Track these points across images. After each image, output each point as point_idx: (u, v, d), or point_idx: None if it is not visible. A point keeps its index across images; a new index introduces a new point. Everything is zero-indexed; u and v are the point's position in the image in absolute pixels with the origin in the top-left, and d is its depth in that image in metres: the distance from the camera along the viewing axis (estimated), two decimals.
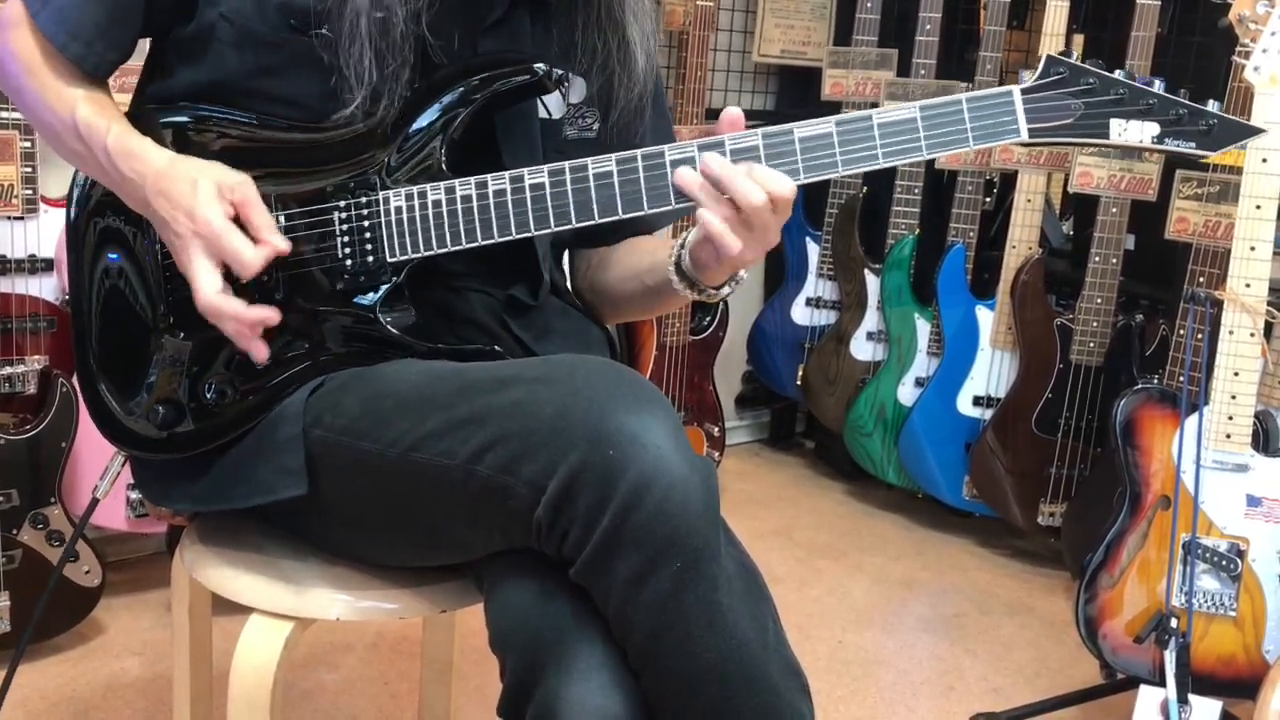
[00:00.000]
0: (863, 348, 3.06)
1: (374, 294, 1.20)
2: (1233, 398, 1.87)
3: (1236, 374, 1.87)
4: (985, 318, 2.80)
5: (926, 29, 2.85)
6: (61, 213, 2.00)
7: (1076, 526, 2.62)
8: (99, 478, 1.39)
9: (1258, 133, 1.17)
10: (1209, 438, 1.88)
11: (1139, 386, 2.00)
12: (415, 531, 1.18)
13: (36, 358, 2.04)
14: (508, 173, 1.17)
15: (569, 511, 1.01)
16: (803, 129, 1.14)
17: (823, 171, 1.14)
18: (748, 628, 1.03)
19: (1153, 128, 1.14)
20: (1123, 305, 2.65)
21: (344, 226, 1.20)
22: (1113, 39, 2.79)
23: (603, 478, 1.00)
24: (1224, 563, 1.88)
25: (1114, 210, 2.56)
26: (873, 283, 3.01)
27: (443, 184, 1.18)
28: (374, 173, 1.20)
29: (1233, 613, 1.88)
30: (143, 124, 1.22)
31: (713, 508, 1.03)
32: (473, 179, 1.17)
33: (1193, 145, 1.14)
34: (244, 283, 1.15)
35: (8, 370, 2.01)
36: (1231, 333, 1.86)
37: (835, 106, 3.06)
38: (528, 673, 1.04)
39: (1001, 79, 2.80)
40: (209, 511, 1.31)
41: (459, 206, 1.17)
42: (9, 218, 2.01)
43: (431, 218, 1.18)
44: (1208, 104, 1.14)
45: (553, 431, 1.02)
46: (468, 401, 1.09)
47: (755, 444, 3.55)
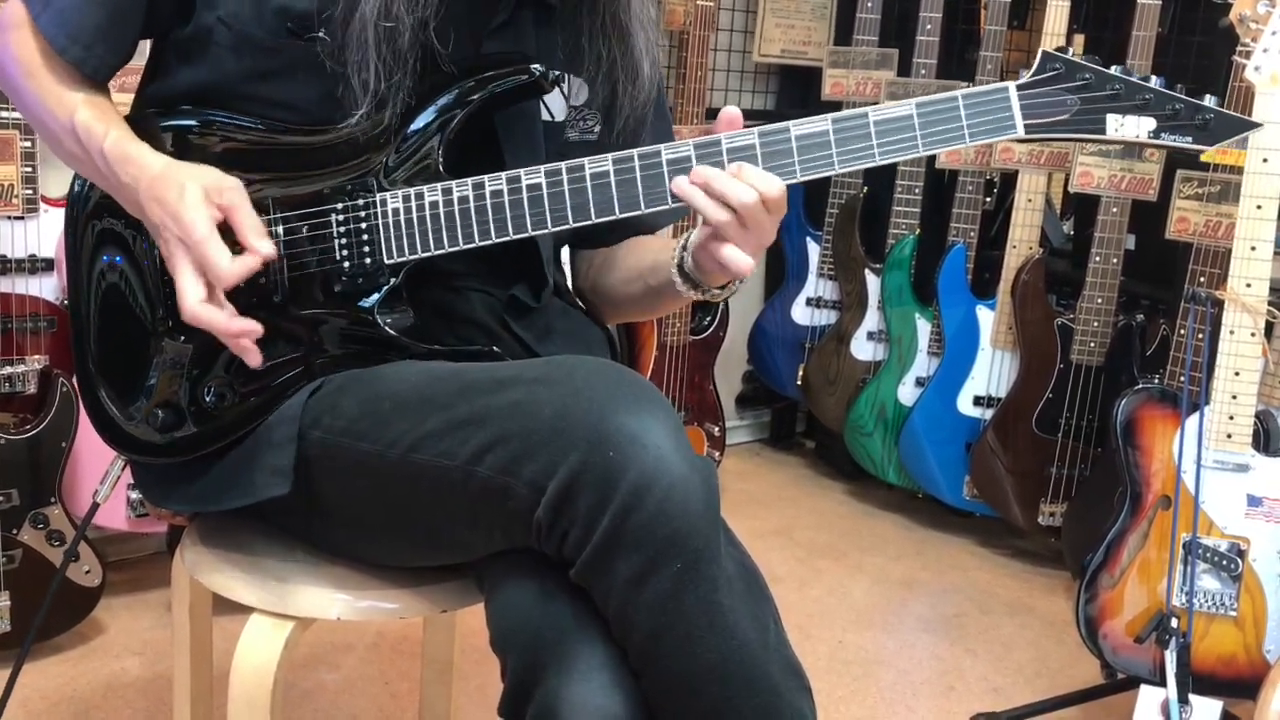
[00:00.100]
0: (863, 347, 3.06)
1: (372, 296, 1.20)
2: (1233, 397, 1.87)
3: (1237, 374, 1.86)
4: (986, 317, 2.79)
5: (927, 29, 2.85)
6: (62, 213, 2.01)
7: (1077, 526, 2.62)
8: (99, 481, 1.39)
9: (1254, 126, 1.16)
10: (1210, 437, 1.88)
11: (1140, 386, 2.00)
12: (415, 532, 1.18)
13: (37, 357, 2.04)
14: (504, 174, 1.16)
15: (569, 512, 1.01)
16: (799, 127, 1.14)
17: (820, 170, 1.14)
18: (748, 628, 1.03)
19: (1149, 123, 1.14)
20: (1123, 305, 2.65)
21: (341, 229, 1.19)
22: (1113, 38, 2.79)
23: (603, 478, 1.00)
24: (1225, 563, 1.88)
25: (1114, 210, 2.56)
26: (873, 282, 3.01)
27: (440, 185, 1.18)
28: (371, 174, 1.19)
29: (1233, 613, 1.88)
30: (143, 127, 1.21)
31: (713, 508, 1.03)
32: (470, 180, 1.17)
33: (1189, 140, 1.14)
34: (241, 285, 1.14)
35: (8, 370, 2.01)
36: (1232, 332, 1.86)
37: (836, 106, 3.03)
38: (528, 673, 1.04)
39: (1002, 79, 2.79)
40: (208, 512, 1.31)
41: (456, 208, 1.17)
42: (9, 217, 2.01)
43: (429, 219, 1.18)
44: (1204, 98, 1.13)
45: (553, 432, 1.02)
46: (467, 402, 1.09)
47: (756, 444, 3.55)
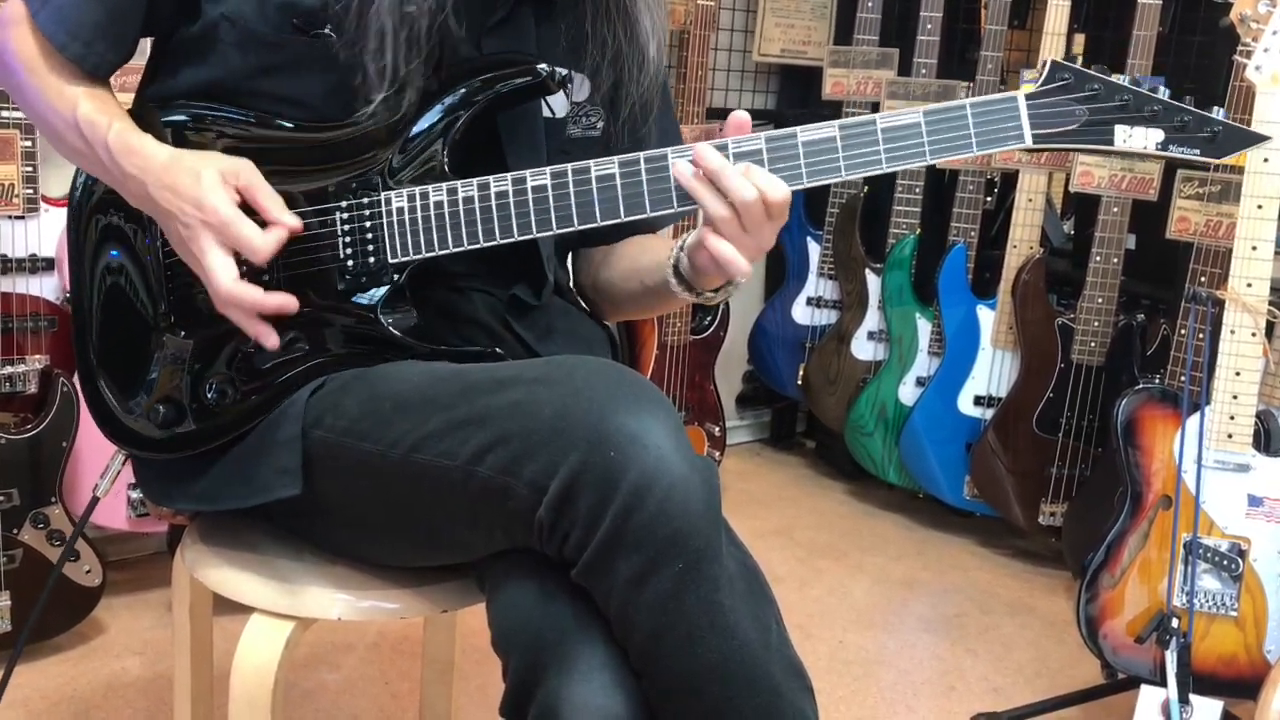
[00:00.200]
0: (864, 347, 3.06)
1: (375, 295, 1.20)
2: (1234, 397, 1.87)
3: (1238, 374, 1.87)
4: (986, 317, 2.79)
5: (928, 28, 2.85)
6: (62, 212, 2.01)
7: (1077, 526, 2.62)
8: (100, 476, 1.39)
9: (1262, 139, 1.16)
10: (1210, 437, 1.88)
11: (1140, 386, 2.00)
12: (416, 532, 1.18)
13: (37, 357, 2.04)
14: (510, 174, 1.16)
15: (570, 512, 1.01)
16: (806, 133, 1.13)
17: (826, 176, 1.13)
18: (750, 628, 1.03)
19: (1157, 134, 1.13)
20: (1124, 305, 2.65)
21: (345, 227, 1.19)
22: (1114, 38, 2.79)
23: (604, 478, 0.99)
24: (1225, 562, 1.88)
25: (1115, 210, 2.56)
26: (874, 282, 3.01)
27: (445, 185, 1.18)
28: (376, 173, 1.19)
29: (1234, 613, 1.88)
30: (144, 122, 1.21)
31: (714, 508, 1.03)
32: (475, 180, 1.17)
33: (1197, 152, 1.14)
34: (247, 278, 1.15)
35: (9, 370, 2.01)
36: (1233, 332, 1.86)
37: (836, 106, 3.06)
38: (530, 673, 1.04)
39: (1003, 78, 2.80)
40: (210, 511, 1.31)
41: (460, 208, 1.17)
42: (10, 217, 2.01)
43: (433, 219, 1.18)
44: (1212, 110, 1.13)
45: (553, 432, 1.02)
46: (468, 402, 1.09)
47: (756, 444, 3.55)
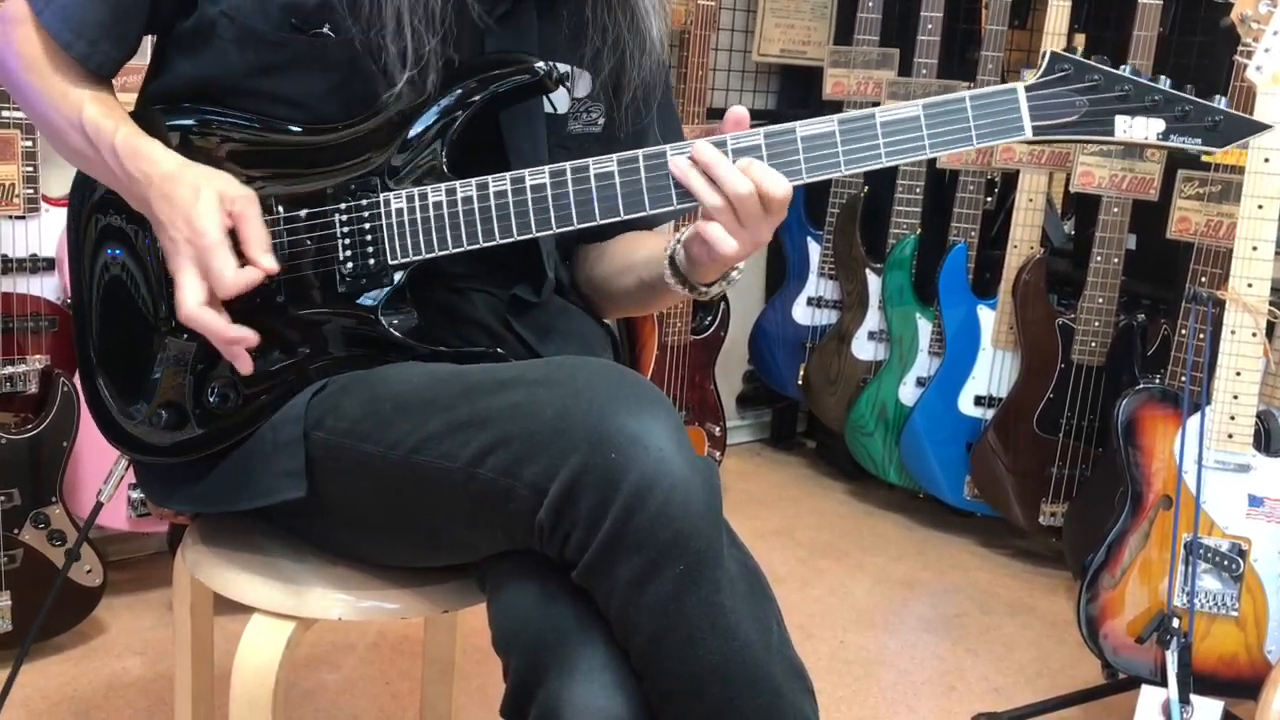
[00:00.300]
0: (864, 347, 3.06)
1: (375, 296, 1.19)
2: (1235, 398, 1.87)
3: (1238, 374, 1.86)
4: (987, 317, 2.79)
5: (928, 28, 2.85)
6: (63, 212, 2.01)
7: (1078, 526, 2.62)
8: (103, 481, 1.39)
9: (1264, 128, 1.15)
10: (1211, 438, 1.88)
11: (1141, 386, 2.00)
12: (417, 533, 1.17)
13: (38, 357, 2.04)
14: (509, 174, 1.16)
15: (571, 514, 1.01)
16: (805, 128, 1.13)
17: (826, 171, 1.13)
18: (751, 629, 1.03)
19: (1158, 124, 1.13)
20: (1124, 305, 2.65)
21: (345, 229, 1.19)
22: (1114, 38, 2.79)
23: (604, 480, 0.99)
24: (1226, 563, 1.88)
25: (1115, 210, 2.56)
26: (874, 282, 3.01)
27: (444, 186, 1.17)
28: (375, 174, 1.19)
29: (1234, 613, 1.88)
30: (148, 126, 1.21)
31: (715, 509, 1.03)
32: (474, 180, 1.17)
33: (1199, 141, 1.13)
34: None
35: (9, 370, 2.01)
36: (1233, 332, 1.86)
37: (837, 106, 3.06)
38: (530, 674, 1.04)
39: (1003, 78, 2.80)
40: (211, 512, 1.31)
41: (460, 208, 1.17)
42: (10, 217, 2.01)
43: (433, 219, 1.17)
44: (1215, 99, 1.12)
45: (554, 434, 1.02)
46: (469, 404, 1.09)
47: (756, 444, 3.55)
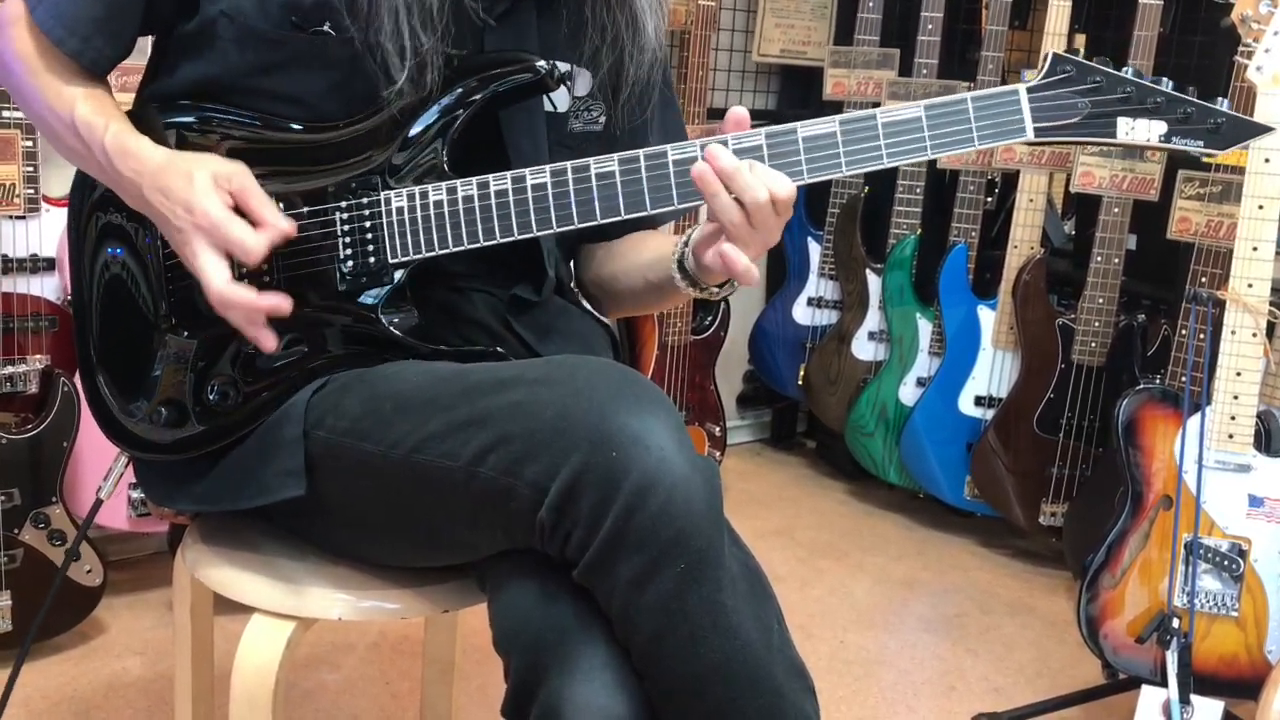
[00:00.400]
0: (864, 347, 3.06)
1: (376, 295, 1.20)
2: (1235, 398, 1.87)
3: (1239, 374, 1.86)
4: (987, 317, 2.79)
5: (928, 28, 2.85)
6: (63, 212, 2.00)
7: (1078, 526, 2.62)
8: (102, 478, 1.39)
9: (1266, 130, 1.15)
10: (1211, 438, 1.88)
11: (1141, 386, 2.00)
12: (417, 532, 1.17)
13: (38, 357, 2.04)
14: (509, 173, 1.16)
15: (572, 513, 1.01)
16: (806, 128, 1.13)
17: (827, 171, 1.13)
18: (752, 628, 1.03)
19: (1160, 126, 1.13)
20: (1125, 305, 2.65)
21: (345, 227, 1.19)
22: (1115, 38, 2.79)
23: (605, 479, 0.99)
24: (1226, 563, 1.88)
25: (1116, 210, 2.56)
26: (874, 282, 3.01)
27: (444, 185, 1.17)
28: (376, 173, 1.19)
29: (1235, 613, 1.88)
30: (144, 124, 1.21)
31: (716, 508, 1.03)
32: (474, 179, 1.17)
33: (1201, 144, 1.13)
34: (247, 280, 1.15)
35: (9, 370, 2.01)
36: (1234, 333, 1.86)
37: (837, 106, 3.06)
38: (531, 673, 1.04)
39: (1003, 78, 2.80)
40: (211, 512, 1.31)
41: (460, 207, 1.17)
42: (11, 217, 2.01)
43: (433, 218, 1.18)
44: (1216, 102, 1.12)
45: (555, 433, 1.02)
46: (469, 403, 1.08)
47: (757, 444, 3.55)
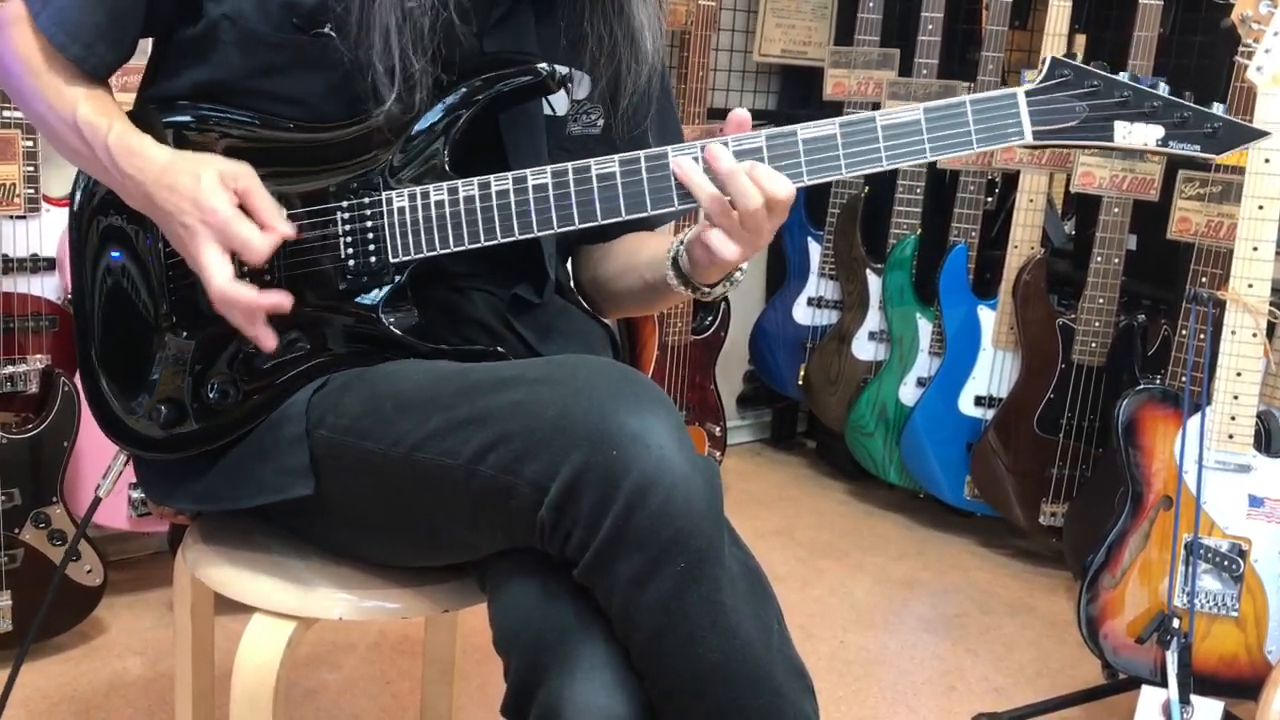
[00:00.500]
0: (864, 347, 3.06)
1: (376, 294, 1.20)
2: (1235, 398, 1.87)
3: (1239, 374, 1.87)
4: (987, 318, 2.80)
5: (928, 29, 2.85)
6: (63, 212, 2.01)
7: (1078, 527, 2.62)
8: (101, 477, 1.39)
9: (1262, 135, 1.16)
10: (1211, 438, 1.88)
11: (1141, 387, 2.00)
12: (417, 532, 1.18)
13: (38, 357, 2.04)
14: (510, 174, 1.16)
15: (572, 512, 1.01)
16: (806, 130, 1.13)
17: (826, 174, 1.13)
18: (751, 628, 1.03)
19: (1157, 130, 1.13)
20: (1125, 305, 2.65)
21: (347, 227, 1.20)
22: (1115, 39, 2.79)
23: (605, 478, 0.99)
24: (1226, 563, 1.88)
25: (1116, 210, 2.56)
26: (874, 282, 3.01)
27: (445, 185, 1.18)
28: (377, 173, 1.19)
29: (1235, 613, 1.88)
30: (144, 124, 1.21)
31: (716, 508, 1.03)
32: (476, 180, 1.17)
33: (1197, 148, 1.13)
34: (248, 279, 1.15)
35: (10, 369, 2.01)
36: (1234, 333, 1.86)
37: (837, 106, 3.06)
38: (531, 673, 1.04)
39: (1003, 79, 2.80)
40: (211, 511, 1.31)
41: (461, 207, 1.17)
42: (11, 217, 2.01)
43: (435, 218, 1.18)
44: (1213, 106, 1.13)
45: (555, 431, 1.02)
46: (469, 402, 1.09)
47: (757, 444, 3.55)
